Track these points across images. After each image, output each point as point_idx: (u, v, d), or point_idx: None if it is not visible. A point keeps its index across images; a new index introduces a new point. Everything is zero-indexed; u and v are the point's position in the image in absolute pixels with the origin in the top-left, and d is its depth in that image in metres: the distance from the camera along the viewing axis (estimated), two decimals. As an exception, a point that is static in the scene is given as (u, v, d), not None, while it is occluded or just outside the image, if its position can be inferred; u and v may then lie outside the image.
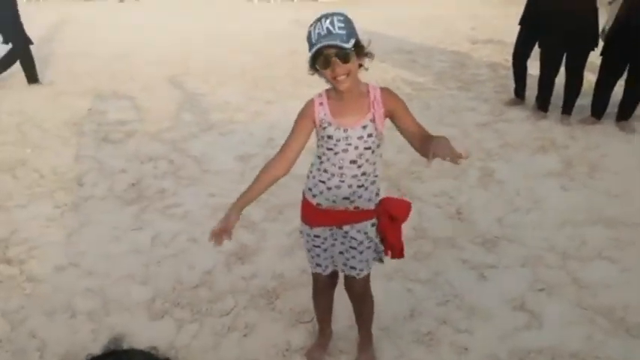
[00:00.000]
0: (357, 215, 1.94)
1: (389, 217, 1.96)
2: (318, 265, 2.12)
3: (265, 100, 5.95)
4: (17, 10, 6.23)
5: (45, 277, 3.00)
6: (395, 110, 1.83)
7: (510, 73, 5.65)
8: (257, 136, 4.87)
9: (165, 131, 5.08)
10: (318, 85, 1.91)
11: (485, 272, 2.93)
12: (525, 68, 5.39)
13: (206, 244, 3.19)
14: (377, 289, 2.32)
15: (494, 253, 3.10)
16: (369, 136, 1.81)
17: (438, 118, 5.19)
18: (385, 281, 2.79)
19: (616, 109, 4.88)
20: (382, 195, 2.01)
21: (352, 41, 1.68)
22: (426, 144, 1.66)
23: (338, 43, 1.64)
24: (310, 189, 1.97)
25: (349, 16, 1.74)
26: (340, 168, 1.85)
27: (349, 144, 1.81)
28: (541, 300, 2.71)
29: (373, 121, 1.80)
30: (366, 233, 1.97)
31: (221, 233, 1.83)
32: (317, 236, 2.03)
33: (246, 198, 1.89)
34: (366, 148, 1.82)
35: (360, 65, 1.77)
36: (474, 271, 2.95)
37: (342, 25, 1.67)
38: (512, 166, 4.19)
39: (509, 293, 2.76)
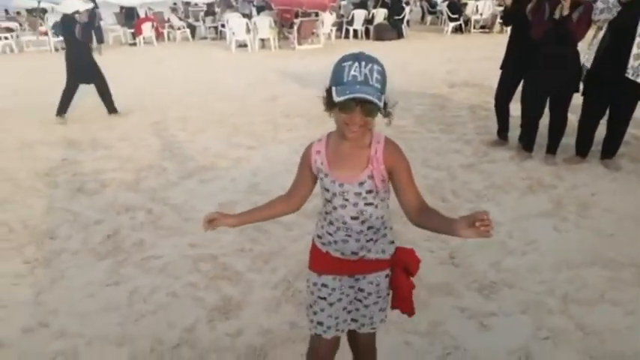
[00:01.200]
0: (371, 265, 1.78)
1: (403, 269, 1.81)
2: (319, 323, 1.87)
3: (246, 145, 5.85)
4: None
5: (11, 341, 2.74)
6: (394, 169, 1.65)
7: (490, 114, 5.68)
8: (239, 183, 4.73)
9: (144, 180, 4.90)
10: (298, 130, 1.81)
11: (485, 321, 2.77)
12: (508, 110, 5.42)
13: (187, 299, 3.04)
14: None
15: (492, 300, 2.95)
16: (369, 192, 1.65)
17: (422, 160, 5.13)
18: (382, 334, 2.60)
19: (600, 147, 4.89)
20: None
21: (383, 98, 1.52)
22: (448, 224, 1.52)
23: (373, 99, 1.47)
24: (320, 237, 1.82)
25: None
26: (344, 223, 1.70)
27: (346, 199, 1.67)
28: (547, 349, 2.55)
29: (372, 178, 1.64)
30: (377, 285, 1.81)
31: (212, 220, 1.81)
32: (325, 285, 1.83)
33: (248, 217, 1.87)
34: (366, 204, 1.67)
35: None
36: (474, 320, 2.79)
37: (379, 77, 1.51)
38: (502, 208, 4.11)
39: (513, 343, 2.60)
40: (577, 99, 4.82)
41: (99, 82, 7.38)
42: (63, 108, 7.23)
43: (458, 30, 17.65)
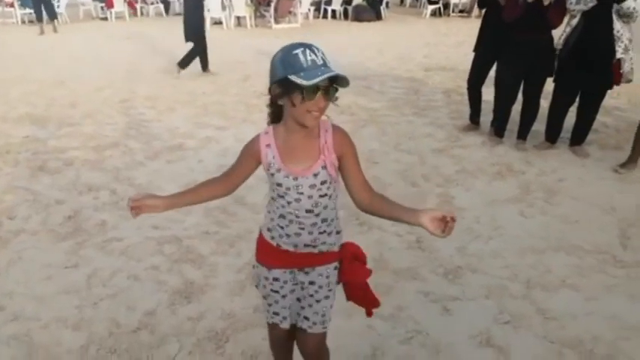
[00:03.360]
0: (321, 258, 1.74)
1: (353, 258, 1.79)
2: (275, 314, 1.85)
3: (216, 126, 5.74)
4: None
5: (-39, 325, 2.64)
6: (343, 155, 1.64)
7: (464, 99, 5.67)
8: (207, 163, 4.64)
9: (108, 159, 4.77)
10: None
11: (448, 305, 2.78)
12: (480, 94, 5.42)
13: (148, 282, 2.97)
14: (335, 327, 2.11)
15: (457, 284, 2.96)
16: (323, 183, 1.62)
17: (395, 144, 5.10)
18: (344, 318, 2.58)
19: (569, 134, 4.93)
20: (341, 225, 1.82)
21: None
22: (407, 211, 1.60)
23: (347, 78, 1.48)
24: (269, 229, 1.76)
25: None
26: (297, 217, 1.65)
27: (301, 193, 1.61)
28: (507, 334, 2.57)
29: (325, 168, 1.61)
30: (327, 277, 1.77)
31: (138, 206, 1.64)
32: (276, 279, 1.79)
33: (178, 200, 1.72)
34: (321, 196, 1.63)
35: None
36: (438, 304, 2.79)
37: (329, 60, 1.51)
38: (471, 193, 4.12)
39: (475, 327, 2.61)
40: (549, 85, 4.84)
41: None
42: None
43: (437, 13, 17.61)
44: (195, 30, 7.96)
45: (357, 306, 1.92)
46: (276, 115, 1.64)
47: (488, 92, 5.32)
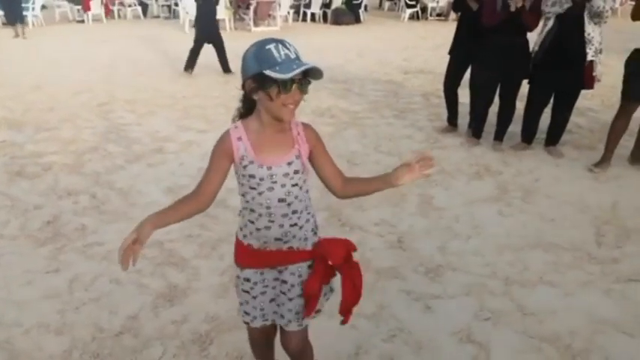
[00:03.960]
0: (292, 256, 1.75)
1: (325, 261, 1.75)
2: (246, 313, 1.88)
3: (197, 129, 5.72)
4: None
5: (-61, 333, 2.59)
6: (315, 147, 1.72)
7: (442, 101, 5.76)
8: (188, 166, 4.63)
9: (87, 163, 4.72)
10: None
11: (430, 303, 2.83)
12: (456, 96, 5.50)
13: (131, 286, 2.95)
14: (318, 326, 2.13)
15: (438, 283, 3.01)
16: (296, 172, 1.66)
17: (375, 146, 5.15)
18: (326, 318, 2.58)
19: (545, 135, 5.04)
20: (323, 226, 1.85)
21: None
22: (381, 179, 1.74)
23: (321, 70, 1.51)
24: (241, 228, 1.78)
25: None
26: (268, 208, 1.66)
27: (274, 182, 1.63)
28: (487, 330, 2.63)
29: (299, 157, 1.66)
30: (300, 276, 1.77)
31: (130, 250, 1.48)
32: (247, 280, 1.81)
33: (161, 219, 1.59)
34: (293, 185, 1.66)
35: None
36: (419, 302, 2.84)
37: (301, 54, 1.56)
38: (450, 193, 4.19)
39: (456, 324, 2.66)
40: (524, 88, 4.94)
41: None
42: None
43: (415, 17, 17.79)
44: (210, 31, 8.45)
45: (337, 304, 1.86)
46: (246, 110, 1.67)
47: (464, 95, 5.41)
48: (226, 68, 8.61)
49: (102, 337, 2.57)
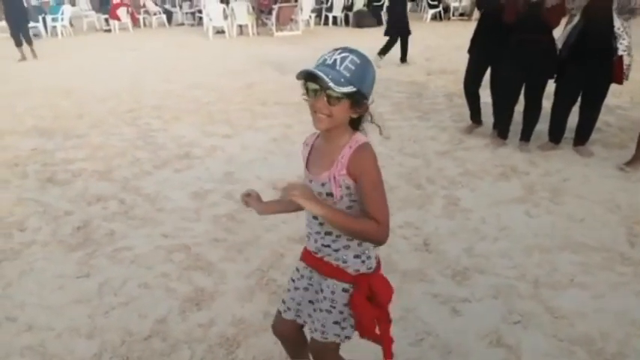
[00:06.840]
0: (330, 269, 1.69)
1: (367, 295, 1.66)
2: (283, 301, 1.91)
3: (222, 134, 5.78)
4: None
5: (-24, 337, 2.67)
6: (359, 179, 1.50)
7: (466, 102, 5.69)
8: (214, 171, 4.67)
9: (116, 169, 4.82)
10: (275, 117, 1.76)
11: (457, 306, 2.79)
12: (478, 96, 5.44)
13: (158, 290, 2.99)
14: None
15: (465, 286, 2.97)
16: (328, 195, 1.54)
17: (399, 148, 5.13)
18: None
19: (573, 134, 4.94)
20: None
21: (350, 88, 1.42)
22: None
23: (325, 79, 1.38)
24: None
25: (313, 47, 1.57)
26: (308, 220, 1.68)
27: None
28: (517, 333, 2.58)
29: (331, 182, 1.53)
30: (333, 293, 1.69)
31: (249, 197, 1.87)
32: (297, 269, 1.86)
33: (272, 206, 1.92)
34: None
35: (352, 118, 1.54)
36: (446, 305, 2.81)
37: (353, 68, 1.42)
38: (476, 194, 4.13)
39: (485, 328, 2.62)
40: (551, 86, 4.85)
41: None
42: None
43: (437, 17, 17.65)
44: (399, 25, 9.65)
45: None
46: None
47: (487, 94, 5.33)
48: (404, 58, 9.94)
49: (131, 341, 2.61)
